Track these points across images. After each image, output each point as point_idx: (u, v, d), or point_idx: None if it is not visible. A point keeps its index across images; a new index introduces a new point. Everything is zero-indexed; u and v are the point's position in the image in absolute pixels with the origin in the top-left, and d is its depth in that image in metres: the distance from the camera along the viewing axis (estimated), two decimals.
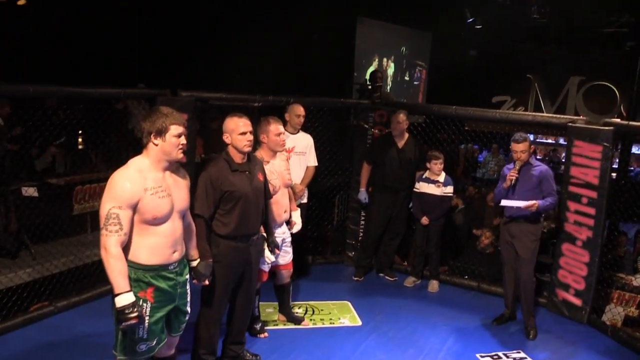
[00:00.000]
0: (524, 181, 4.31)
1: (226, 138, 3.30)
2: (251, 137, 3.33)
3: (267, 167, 3.65)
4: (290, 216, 4.08)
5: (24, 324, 4.02)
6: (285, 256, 4.09)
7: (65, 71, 6.48)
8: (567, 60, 12.63)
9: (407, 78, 13.04)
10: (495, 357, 4.06)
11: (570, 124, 4.76)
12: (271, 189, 3.67)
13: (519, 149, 4.27)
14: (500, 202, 4.41)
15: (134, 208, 2.55)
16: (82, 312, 4.32)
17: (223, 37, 8.88)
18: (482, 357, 4.06)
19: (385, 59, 12.03)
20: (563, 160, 7.57)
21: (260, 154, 3.76)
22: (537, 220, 4.38)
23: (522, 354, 4.12)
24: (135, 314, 2.53)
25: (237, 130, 3.26)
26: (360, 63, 10.79)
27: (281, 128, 3.78)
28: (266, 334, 4.13)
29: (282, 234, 3.99)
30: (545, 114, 8.28)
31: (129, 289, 2.54)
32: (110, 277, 2.52)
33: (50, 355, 3.68)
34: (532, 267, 4.41)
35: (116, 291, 2.51)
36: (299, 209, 4.20)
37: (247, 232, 3.38)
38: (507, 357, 4.07)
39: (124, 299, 2.51)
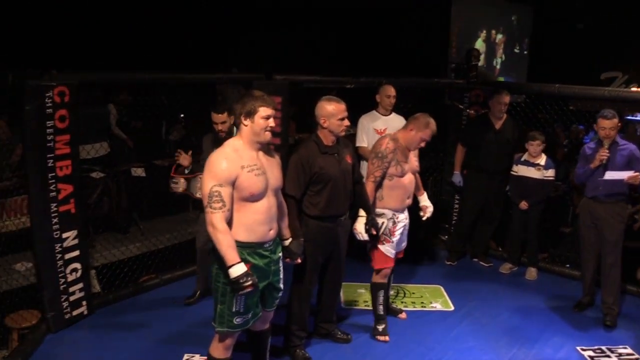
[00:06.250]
0: (611, 161, 4.06)
1: (323, 122, 3.32)
2: (348, 123, 3.36)
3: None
4: (420, 201, 4.05)
5: (134, 293, 4.38)
6: (401, 244, 3.97)
7: (157, 57, 6.79)
8: None
9: (516, 50, 12.38)
10: (598, 351, 3.82)
11: None
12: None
13: (607, 125, 4.00)
14: (581, 182, 4.28)
15: (233, 185, 2.68)
16: (185, 284, 4.60)
17: (316, 19, 8.94)
18: (583, 350, 3.82)
19: (493, 31, 11.49)
20: None
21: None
22: (623, 200, 4.15)
23: (629, 350, 3.83)
24: (249, 282, 2.64)
25: (337, 115, 3.28)
26: (460, 40, 10.39)
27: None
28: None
29: (405, 220, 3.90)
30: None
31: (239, 260, 2.65)
32: (221, 251, 2.64)
33: (156, 323, 3.97)
34: (619, 251, 4.15)
35: (229, 263, 2.63)
36: (425, 193, 4.13)
37: (335, 213, 3.42)
38: (612, 352, 3.81)
39: (237, 270, 2.63)
